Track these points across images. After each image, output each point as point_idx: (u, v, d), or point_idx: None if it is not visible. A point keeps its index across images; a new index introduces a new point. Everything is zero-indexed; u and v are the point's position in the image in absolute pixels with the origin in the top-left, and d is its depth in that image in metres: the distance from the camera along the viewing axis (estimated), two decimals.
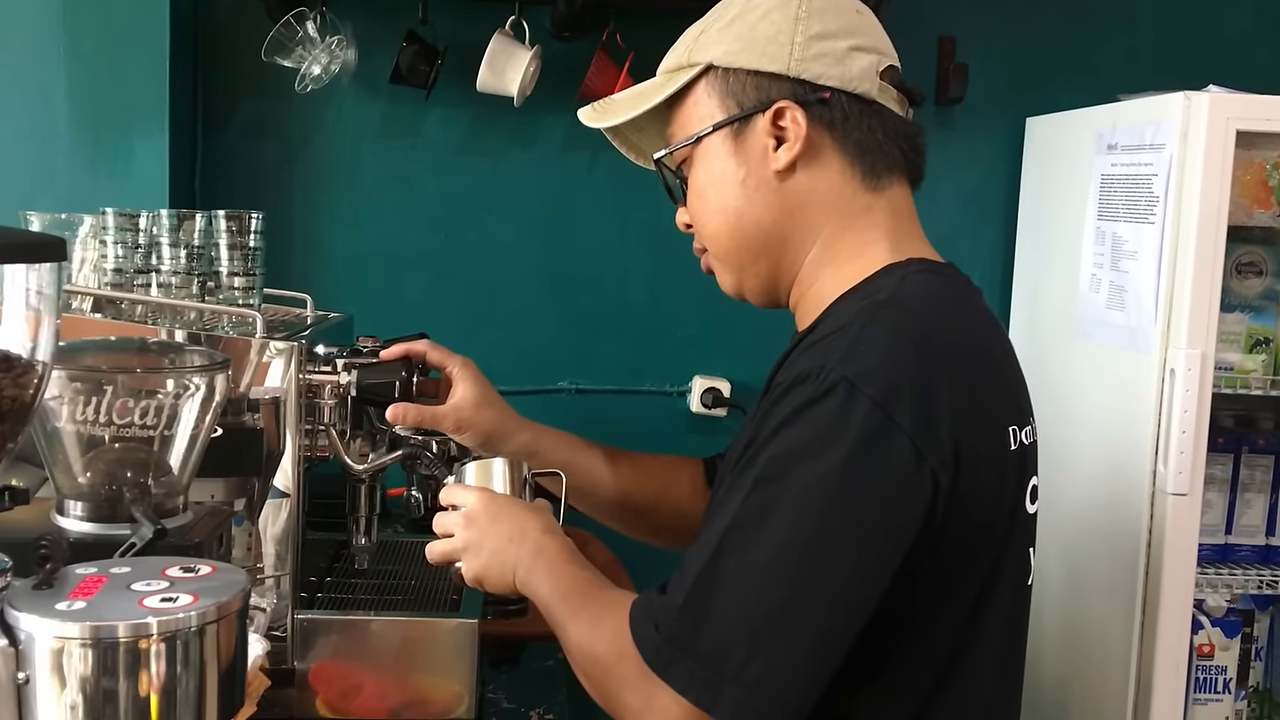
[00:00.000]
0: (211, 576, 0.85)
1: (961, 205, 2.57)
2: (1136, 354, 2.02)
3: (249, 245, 1.38)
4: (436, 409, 1.35)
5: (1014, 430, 1.03)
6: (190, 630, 0.79)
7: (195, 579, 0.84)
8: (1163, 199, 1.95)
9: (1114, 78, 2.40)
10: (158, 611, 0.78)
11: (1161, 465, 1.96)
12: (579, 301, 2.49)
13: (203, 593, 0.82)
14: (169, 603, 0.79)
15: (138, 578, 0.83)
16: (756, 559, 0.94)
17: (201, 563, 0.87)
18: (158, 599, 0.79)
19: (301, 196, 2.42)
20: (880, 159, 1.12)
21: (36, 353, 0.82)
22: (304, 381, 1.34)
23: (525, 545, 1.17)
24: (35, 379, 0.81)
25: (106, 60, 2.17)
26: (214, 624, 0.81)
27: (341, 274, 2.43)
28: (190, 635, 0.79)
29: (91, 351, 1.03)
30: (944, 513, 0.96)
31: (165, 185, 2.20)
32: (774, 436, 0.97)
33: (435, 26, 2.29)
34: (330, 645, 1.37)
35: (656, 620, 0.97)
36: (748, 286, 1.19)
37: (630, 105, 1.19)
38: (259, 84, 2.34)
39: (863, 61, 1.11)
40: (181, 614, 0.79)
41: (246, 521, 1.46)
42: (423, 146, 2.43)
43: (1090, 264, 2.20)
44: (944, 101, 2.50)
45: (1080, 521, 2.22)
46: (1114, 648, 2.06)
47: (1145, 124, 2.03)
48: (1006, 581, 1.04)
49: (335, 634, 1.37)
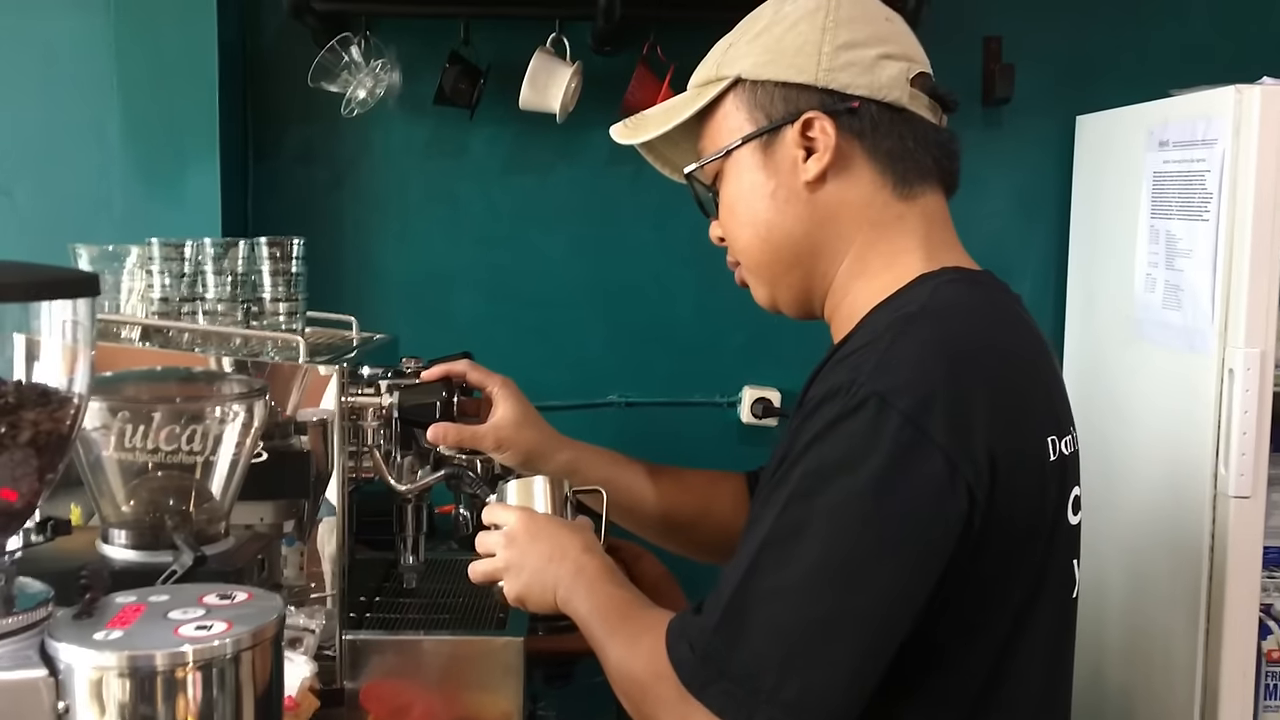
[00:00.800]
0: (248, 603, 0.86)
1: (1012, 207, 2.53)
2: (1194, 355, 1.98)
3: (291, 271, 1.40)
4: (477, 428, 1.35)
5: (1053, 441, 1.01)
6: (226, 658, 0.81)
7: (231, 606, 0.86)
8: (1216, 195, 1.91)
9: (1165, 72, 2.35)
10: (193, 640, 0.80)
11: (1223, 468, 1.91)
12: (627, 314, 2.49)
13: (238, 620, 0.83)
14: (204, 630, 0.80)
15: (175, 605, 0.85)
16: (790, 577, 0.93)
17: (238, 589, 0.88)
18: (193, 627, 0.81)
19: (351, 218, 2.45)
20: (912, 167, 1.11)
21: (73, 386, 0.84)
22: (347, 404, 1.36)
23: (565, 564, 1.17)
24: (72, 411, 0.83)
25: (158, 92, 2.21)
26: (249, 650, 0.82)
27: (392, 294, 2.46)
28: (226, 663, 0.81)
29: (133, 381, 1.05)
30: (981, 527, 0.94)
31: (218, 212, 2.24)
32: (806, 452, 0.96)
33: (477, 47, 2.31)
34: (379, 665, 1.38)
35: (691, 640, 0.97)
36: (781, 299, 1.18)
37: (661, 121, 1.19)
38: (306, 109, 2.37)
39: (892, 69, 1.10)
40: (217, 642, 0.80)
41: (299, 542, 1.48)
42: (468, 165, 2.45)
43: (1145, 263, 2.16)
44: (991, 102, 2.47)
45: (1141, 526, 2.17)
46: (1179, 655, 2.02)
47: (1197, 119, 1.98)
48: (1049, 594, 1.02)
49: (383, 653, 1.38)
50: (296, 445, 1.43)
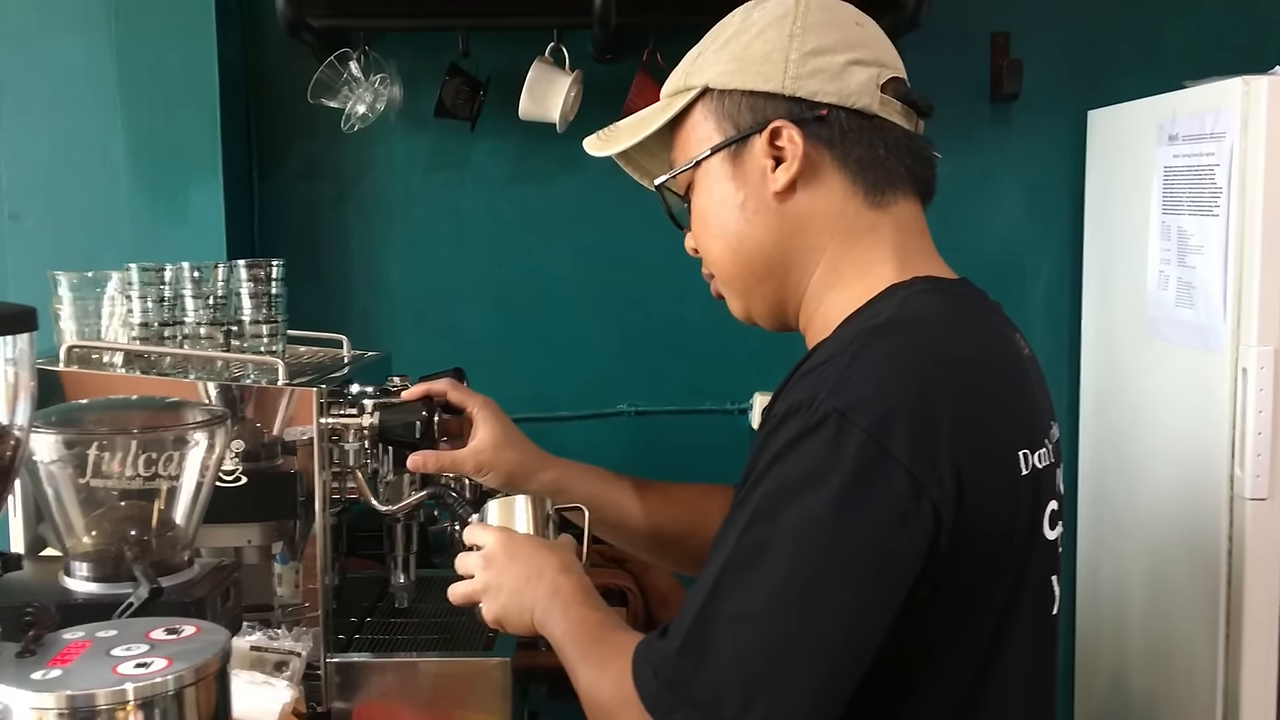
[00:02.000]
0: (193, 638, 0.85)
1: (1024, 205, 2.49)
2: (1208, 353, 1.93)
3: (271, 292, 1.39)
4: (456, 454, 1.34)
5: (1025, 454, 0.98)
6: (168, 694, 0.80)
7: (176, 641, 0.85)
8: (1226, 190, 1.87)
9: (1177, 64, 2.30)
10: (134, 678, 0.79)
11: (1238, 469, 1.86)
12: (636, 323, 2.48)
13: (181, 655, 0.82)
14: (142, 668, 0.79)
15: (121, 641, 0.84)
16: (752, 601, 0.91)
17: (188, 623, 0.88)
18: (133, 665, 0.80)
19: (357, 233, 2.45)
20: (884, 175, 1.08)
21: (15, 419, 0.83)
22: (327, 425, 1.35)
23: (542, 585, 1.16)
24: (12, 444, 0.83)
25: (161, 114, 2.22)
26: (191, 686, 0.81)
27: (398, 308, 2.46)
28: (168, 700, 0.80)
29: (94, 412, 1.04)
30: (949, 546, 0.92)
31: (222, 231, 2.24)
32: (767, 472, 0.94)
33: (477, 58, 2.30)
34: (365, 687, 1.38)
35: (655, 665, 0.95)
36: (755, 311, 1.16)
37: (632, 132, 1.18)
38: (310, 126, 2.37)
39: (861, 75, 1.07)
40: (158, 678, 0.80)
41: (292, 561, 1.48)
42: (472, 178, 2.44)
43: (1157, 260, 2.11)
44: (1000, 99, 2.43)
45: (1160, 528, 2.13)
46: (1199, 660, 1.97)
47: (1205, 112, 1.94)
48: (1026, 612, 0.99)
49: (371, 675, 1.37)
50: (284, 466, 1.43)
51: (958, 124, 2.45)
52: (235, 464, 1.33)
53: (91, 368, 1.36)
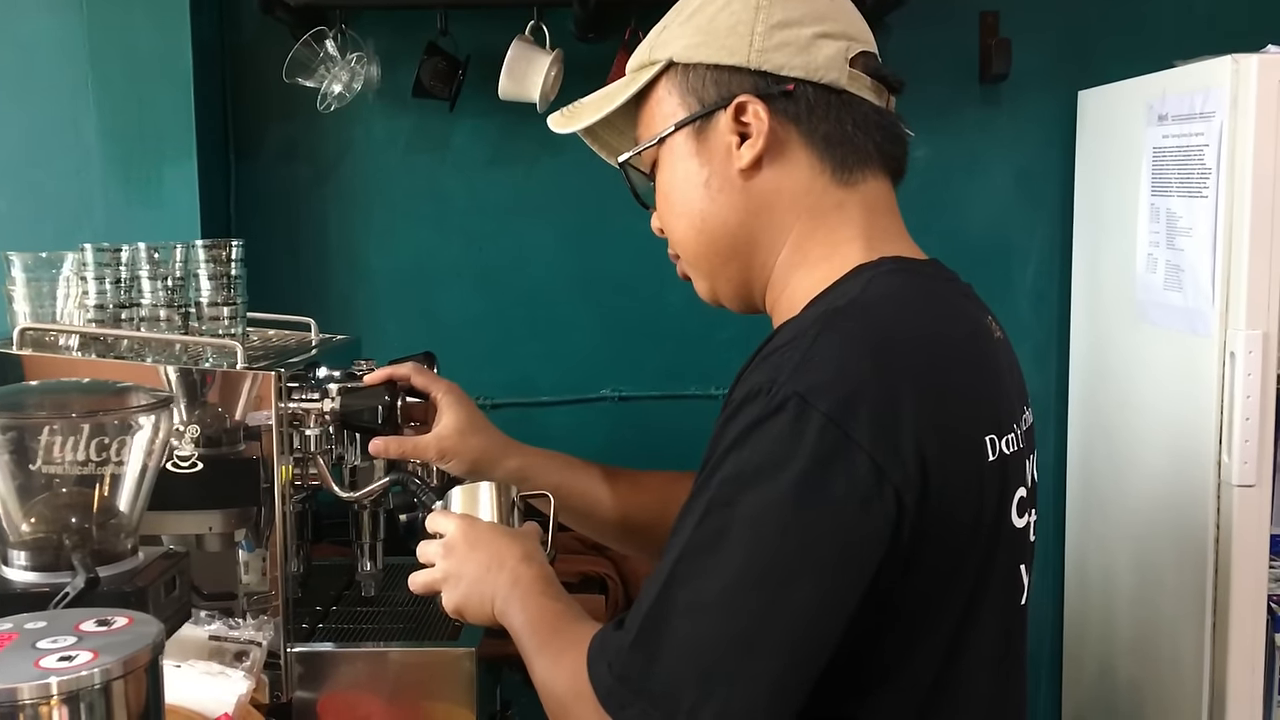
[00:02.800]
0: (124, 630, 0.82)
1: (1013, 188, 2.45)
2: (1195, 337, 1.90)
3: (231, 274, 1.36)
4: (419, 439, 1.31)
5: (992, 440, 0.95)
6: (94, 688, 0.77)
7: (107, 633, 0.82)
8: (1215, 171, 1.83)
9: (1169, 43, 2.26)
10: (57, 671, 0.76)
11: (1226, 455, 1.83)
12: (618, 307, 2.44)
13: (109, 648, 0.79)
14: (66, 662, 0.76)
15: (49, 634, 0.81)
16: (708, 591, 0.88)
17: (120, 614, 0.84)
18: (56, 658, 0.77)
19: (336, 215, 2.41)
20: (852, 152, 1.05)
21: None
22: (285, 409, 1.31)
23: (503, 574, 1.13)
24: None
25: (133, 92, 2.18)
26: (120, 680, 0.78)
27: (378, 291, 2.42)
28: (94, 694, 0.77)
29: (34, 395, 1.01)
30: (912, 534, 0.88)
31: (196, 213, 2.21)
32: (725, 458, 0.90)
33: (456, 37, 2.26)
34: (328, 677, 1.35)
35: (609, 658, 0.92)
36: (721, 292, 1.13)
37: (595, 108, 1.14)
38: (288, 106, 2.33)
39: (829, 49, 1.04)
40: (84, 672, 0.76)
41: (258, 549, 1.45)
42: (452, 159, 2.40)
43: (1146, 243, 2.08)
44: (989, 79, 2.39)
45: (1147, 515, 2.10)
46: (1186, 648, 1.94)
47: (1194, 91, 1.90)
48: (993, 602, 0.96)
49: (332, 666, 1.34)
50: (246, 452, 1.40)
51: (945, 105, 2.41)
52: (191, 450, 1.30)
53: (46, 351, 1.33)
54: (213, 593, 1.46)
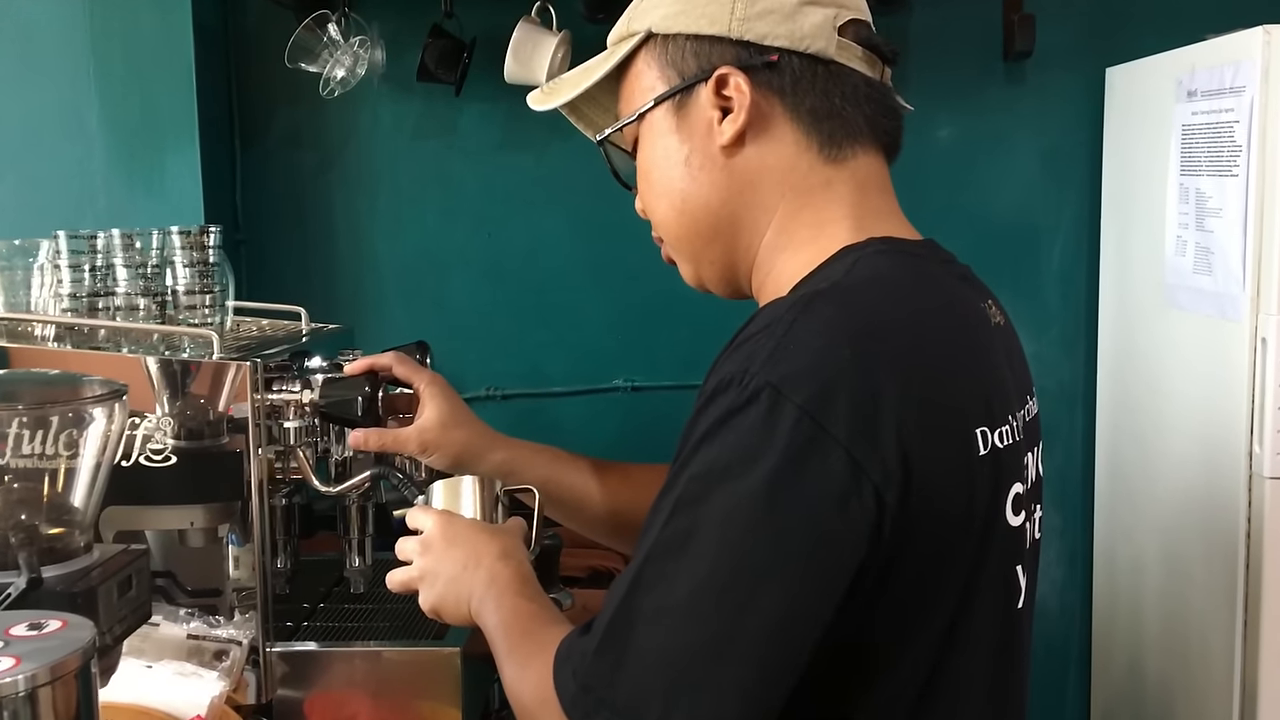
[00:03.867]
0: (55, 634, 0.78)
1: (1039, 168, 2.37)
2: (1226, 322, 1.82)
3: (209, 261, 1.32)
4: (400, 432, 1.26)
5: (984, 432, 0.88)
6: (18, 695, 0.73)
7: (36, 638, 0.77)
8: (1245, 148, 1.75)
9: (1201, 14, 2.16)
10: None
11: (1257, 446, 1.75)
12: (631, 295, 2.38)
13: (35, 654, 0.75)
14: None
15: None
16: (675, 595, 0.82)
17: (55, 617, 0.80)
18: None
19: (342, 202, 2.38)
20: (840, 126, 0.98)
21: None
22: (262, 401, 1.27)
23: (479, 573, 1.08)
24: None
25: (135, 78, 2.16)
26: (46, 686, 0.74)
27: (386, 279, 2.38)
28: (18, 701, 0.73)
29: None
30: (893, 533, 0.82)
31: (200, 201, 2.17)
32: (695, 453, 0.85)
33: (461, 19, 2.21)
34: (311, 677, 1.31)
35: (574, 665, 0.87)
36: (706, 276, 1.07)
37: (574, 84, 1.08)
38: (294, 91, 2.30)
39: (815, 17, 0.97)
40: (7, 679, 0.72)
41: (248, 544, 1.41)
42: (460, 144, 2.36)
43: (1175, 225, 1.99)
44: (1012, 57, 2.31)
45: (1175, 506, 2.02)
46: (1216, 643, 1.87)
47: (1225, 65, 1.81)
48: (986, 607, 0.90)
49: (315, 665, 1.30)
50: (229, 444, 1.36)
51: (968, 83, 2.33)
52: (164, 444, 1.26)
53: (20, 341, 1.29)
54: (197, 589, 1.43)
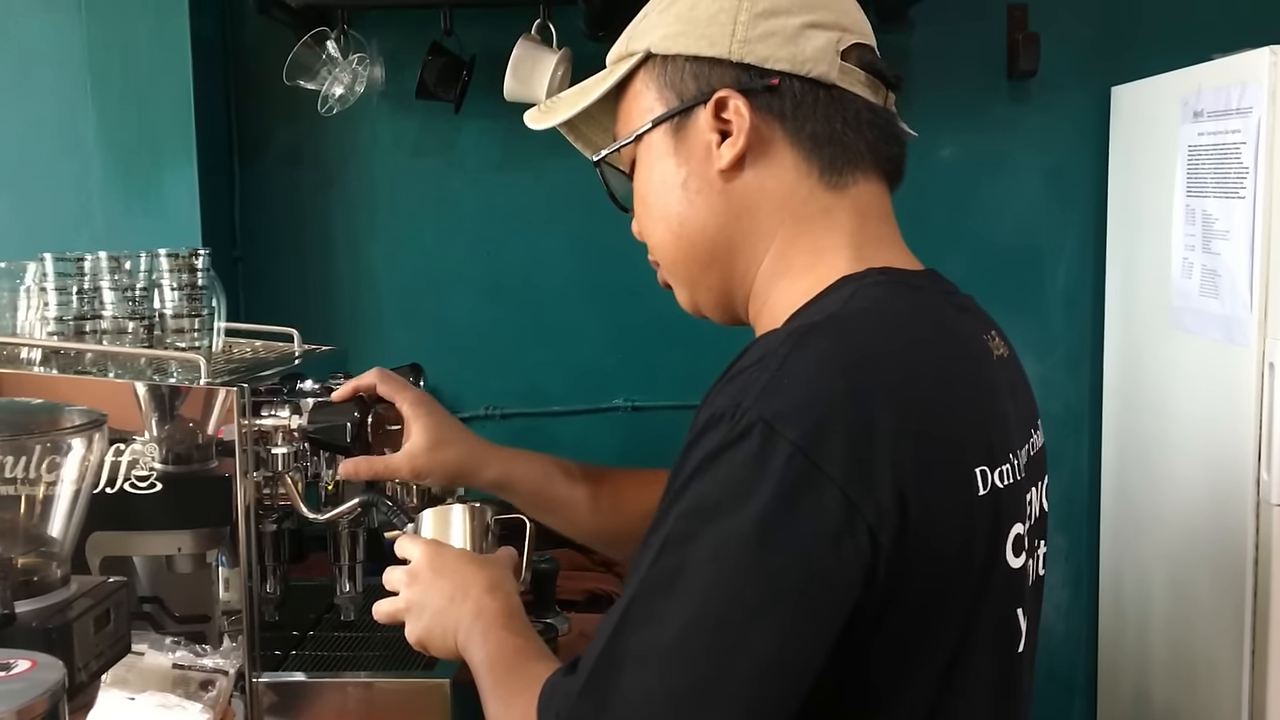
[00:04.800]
0: (21, 677, 0.76)
1: (1043, 188, 2.35)
2: (1233, 346, 1.79)
3: (197, 284, 1.30)
4: (390, 460, 1.23)
5: (983, 472, 0.86)
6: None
7: (3, 680, 0.75)
8: (1253, 169, 1.72)
9: (1208, 35, 2.14)
10: None
11: (1265, 473, 1.72)
12: (631, 314, 2.36)
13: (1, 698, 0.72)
14: None
15: None
16: (662, 637, 0.80)
17: (23, 657, 0.78)
18: None
19: (341, 220, 2.36)
20: (841, 153, 0.96)
21: None
22: (249, 427, 1.25)
23: (466, 605, 1.05)
24: None
25: (133, 97, 2.14)
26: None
27: (385, 298, 2.37)
28: None
29: None
30: (889, 576, 0.80)
31: (197, 217, 2.16)
32: (685, 489, 0.82)
33: (461, 37, 2.20)
34: (298, 708, 1.28)
35: (558, 706, 0.84)
36: (702, 302, 1.05)
37: (571, 103, 1.06)
38: (293, 109, 2.28)
39: (818, 40, 0.95)
40: None
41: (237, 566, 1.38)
42: (459, 162, 2.34)
43: (1181, 247, 1.97)
44: (1017, 75, 2.29)
45: (1183, 533, 1.99)
46: (1224, 672, 1.84)
47: (1231, 86, 1.79)
48: (984, 650, 0.87)
49: (302, 696, 1.28)
50: (218, 469, 1.34)
51: (972, 102, 2.31)
52: (150, 471, 1.24)
53: (5, 365, 1.27)
54: (185, 615, 1.41)
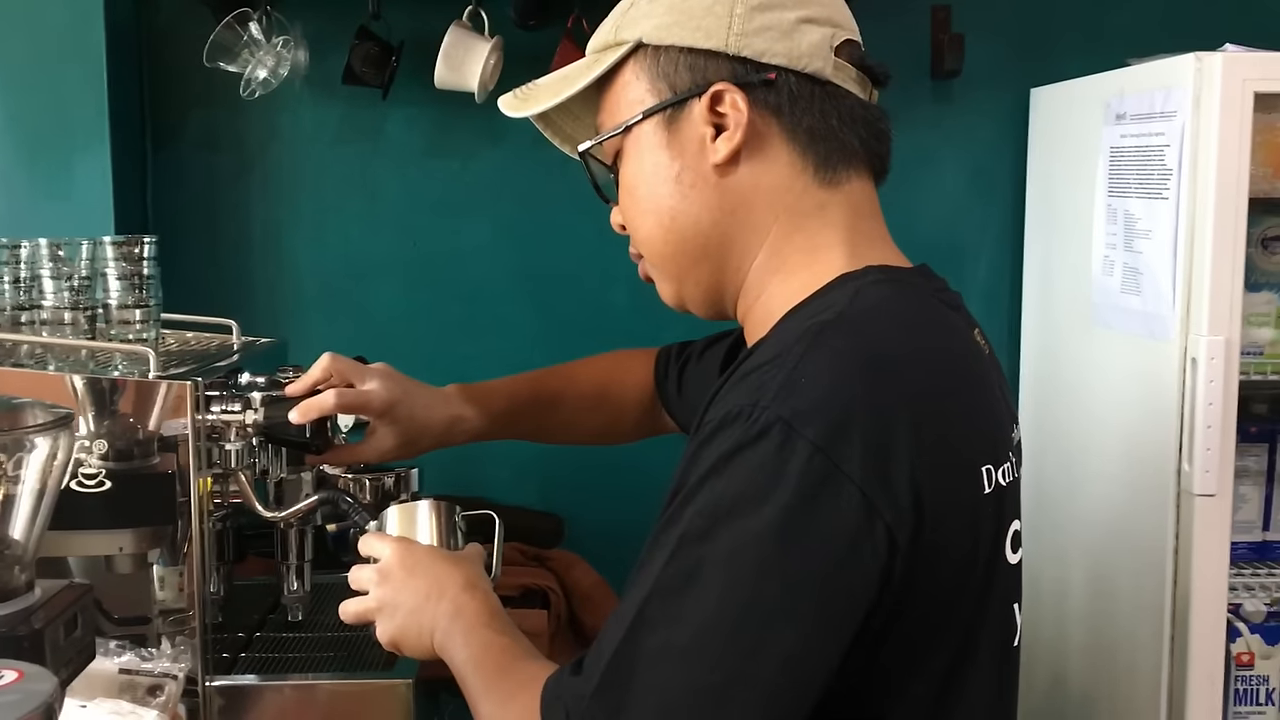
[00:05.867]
0: (11, 689, 0.71)
1: (965, 186, 2.40)
2: (1154, 342, 1.85)
3: (143, 273, 1.24)
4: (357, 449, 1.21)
5: (989, 470, 0.87)
6: None
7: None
8: (1176, 171, 1.78)
9: (1123, 40, 2.21)
10: None
11: (1186, 464, 1.79)
12: (560, 305, 2.34)
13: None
14: None
15: None
16: (679, 636, 0.79)
17: (8, 667, 0.73)
18: None
19: (260, 208, 2.29)
20: (836, 149, 0.97)
21: None
22: (203, 422, 1.20)
23: (443, 604, 1.03)
24: None
25: (41, 74, 2.05)
26: None
27: (306, 288, 2.30)
28: None
29: None
30: (903, 574, 0.80)
31: (110, 204, 2.07)
32: (700, 487, 0.82)
33: (389, 21, 2.15)
34: (252, 712, 1.24)
35: (568, 707, 0.83)
36: (689, 297, 1.04)
37: (553, 91, 1.04)
38: (210, 92, 2.20)
39: (814, 35, 0.95)
40: None
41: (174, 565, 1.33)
42: (385, 149, 2.29)
43: (1103, 245, 2.03)
44: (941, 75, 2.33)
45: (1103, 525, 2.05)
46: (1144, 660, 1.90)
47: (1155, 90, 1.85)
48: (985, 646, 0.88)
49: (256, 699, 1.24)
50: (160, 465, 1.28)
51: (896, 101, 2.30)
52: (98, 467, 1.18)
53: None
54: (124, 618, 1.35)
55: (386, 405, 1.24)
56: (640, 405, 1.42)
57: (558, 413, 1.40)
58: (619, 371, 1.44)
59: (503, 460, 2.21)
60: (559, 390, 1.42)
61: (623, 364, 1.45)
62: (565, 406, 1.41)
